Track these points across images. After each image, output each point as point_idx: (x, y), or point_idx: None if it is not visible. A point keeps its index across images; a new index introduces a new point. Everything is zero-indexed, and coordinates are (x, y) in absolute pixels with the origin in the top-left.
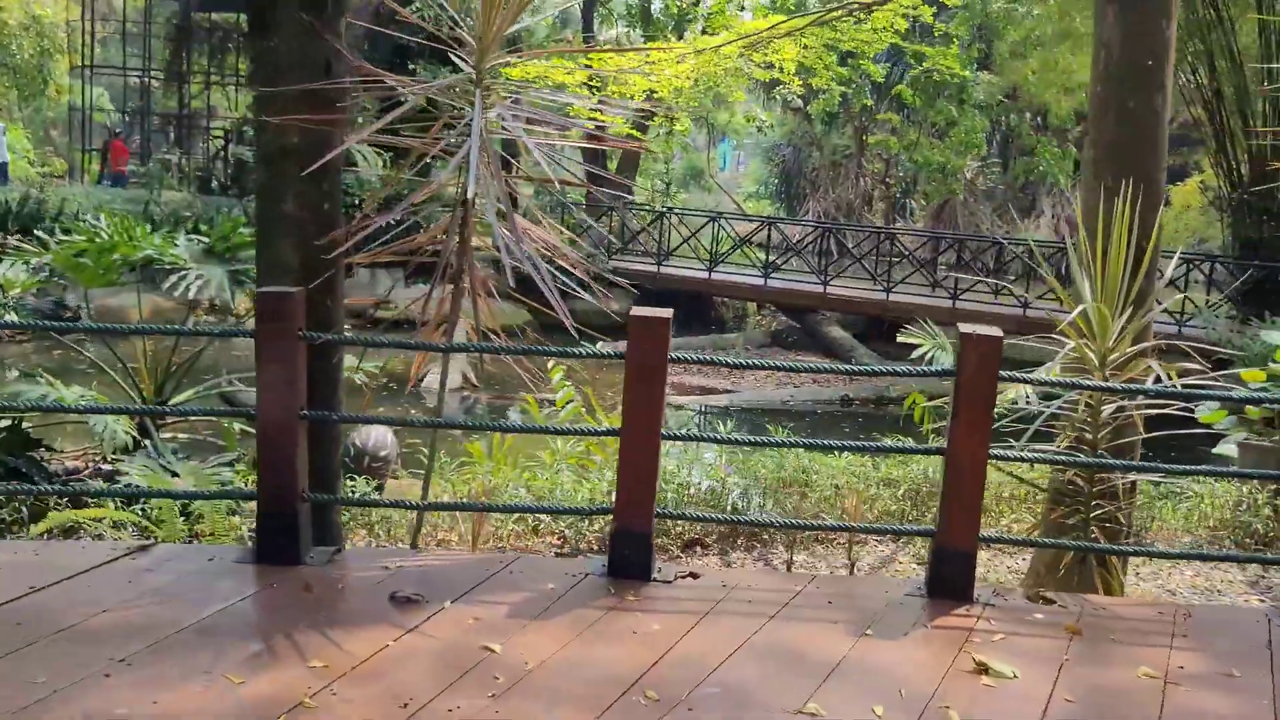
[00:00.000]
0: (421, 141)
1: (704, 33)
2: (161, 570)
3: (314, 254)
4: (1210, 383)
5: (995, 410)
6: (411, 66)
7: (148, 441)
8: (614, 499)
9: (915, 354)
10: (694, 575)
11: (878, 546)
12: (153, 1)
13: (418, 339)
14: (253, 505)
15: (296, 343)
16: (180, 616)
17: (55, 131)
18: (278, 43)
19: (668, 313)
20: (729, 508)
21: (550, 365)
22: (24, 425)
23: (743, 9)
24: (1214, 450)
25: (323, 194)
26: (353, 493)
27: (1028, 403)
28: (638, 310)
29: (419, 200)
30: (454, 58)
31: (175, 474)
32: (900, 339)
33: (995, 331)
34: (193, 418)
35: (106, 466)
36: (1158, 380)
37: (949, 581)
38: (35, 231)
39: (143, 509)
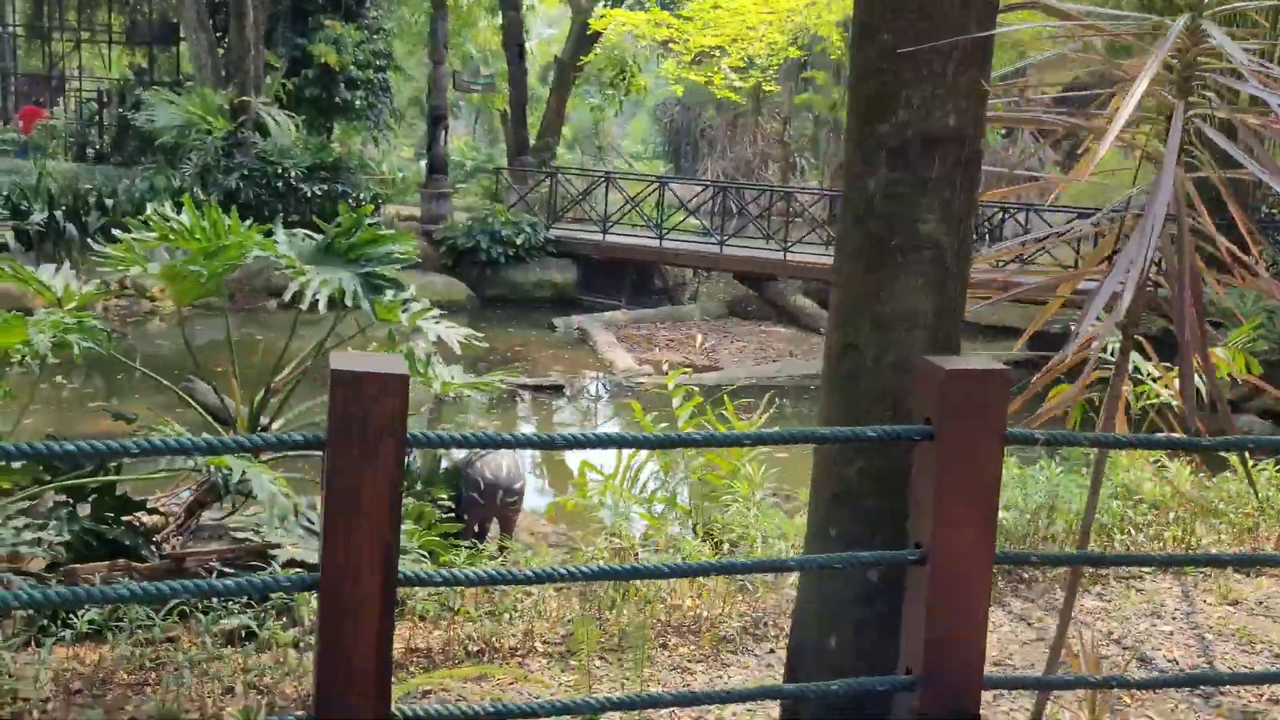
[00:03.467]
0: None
1: None
2: None
3: (950, 294)
4: None
5: None
6: (327, 22)
7: (250, 479)
8: None
9: None
10: None
11: None
12: None
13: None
14: None
15: (1001, 447)
16: None
17: None
18: None
19: None
20: None
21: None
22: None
23: None
24: None
25: (970, 204)
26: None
27: None
28: None
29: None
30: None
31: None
32: None
33: None
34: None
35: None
36: None
37: None
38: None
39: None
